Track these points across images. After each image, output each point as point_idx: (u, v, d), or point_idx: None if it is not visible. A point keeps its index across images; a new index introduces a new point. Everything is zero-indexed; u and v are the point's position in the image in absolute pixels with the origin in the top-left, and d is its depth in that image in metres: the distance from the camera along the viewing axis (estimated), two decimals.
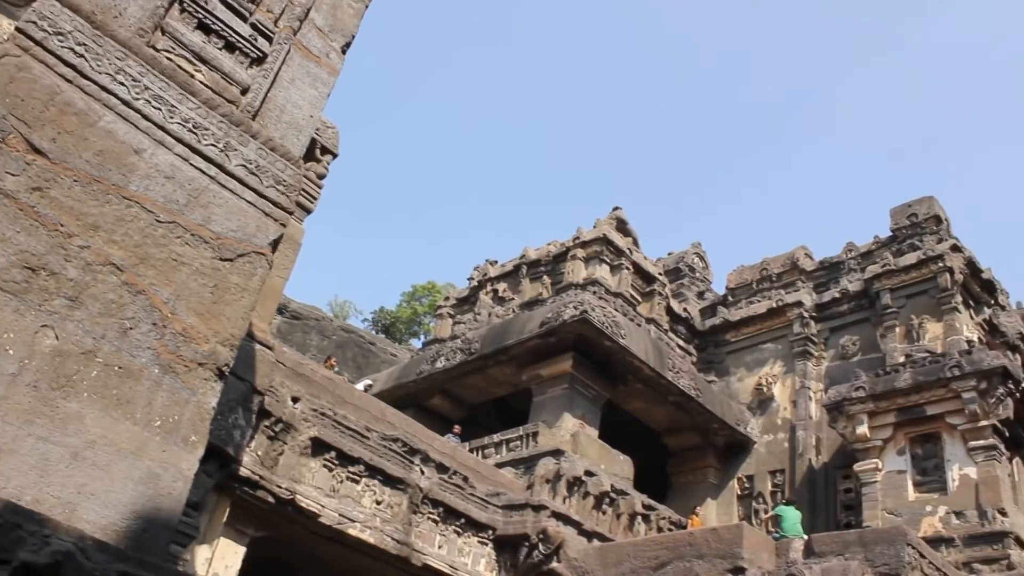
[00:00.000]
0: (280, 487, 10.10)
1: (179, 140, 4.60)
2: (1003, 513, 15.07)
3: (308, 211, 10.03)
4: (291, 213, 5.21)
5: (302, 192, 9.40)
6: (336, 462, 11.00)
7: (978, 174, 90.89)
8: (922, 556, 11.22)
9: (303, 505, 10.44)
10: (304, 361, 11.63)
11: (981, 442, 15.82)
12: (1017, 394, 16.22)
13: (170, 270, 4.36)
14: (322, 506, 10.68)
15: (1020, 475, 17.18)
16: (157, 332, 4.24)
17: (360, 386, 17.32)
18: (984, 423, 15.84)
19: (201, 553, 9.39)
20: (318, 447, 10.78)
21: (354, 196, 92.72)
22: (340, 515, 10.90)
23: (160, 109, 4.57)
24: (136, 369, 4.14)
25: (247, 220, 4.80)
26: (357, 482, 11.28)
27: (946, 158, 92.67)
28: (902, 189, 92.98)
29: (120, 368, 4.08)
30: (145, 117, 4.49)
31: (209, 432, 4.50)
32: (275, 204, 4.99)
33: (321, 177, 10.32)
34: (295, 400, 10.51)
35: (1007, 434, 16.21)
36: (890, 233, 20.55)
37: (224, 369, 4.49)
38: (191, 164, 4.61)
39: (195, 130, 4.67)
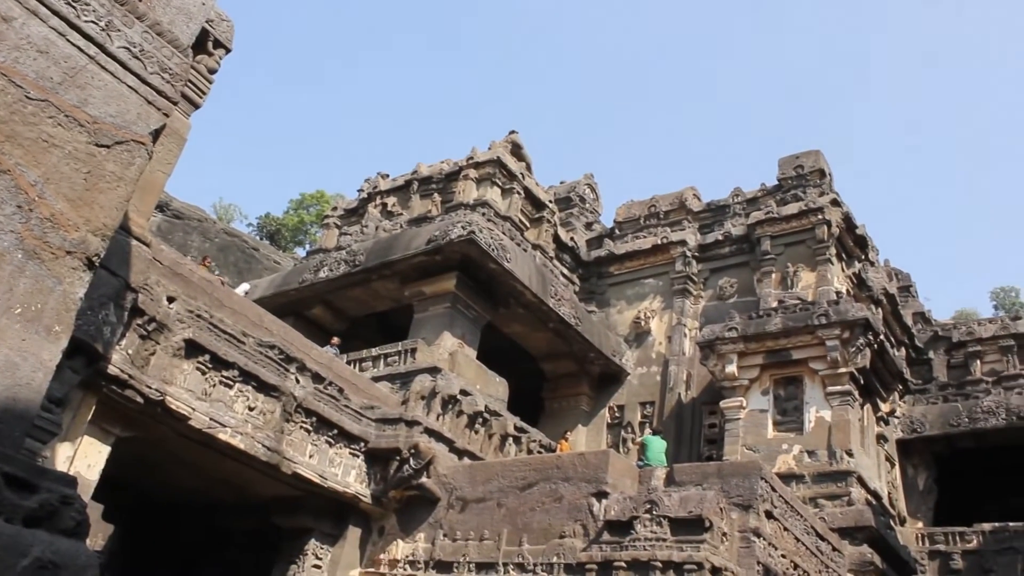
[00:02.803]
0: (150, 387, 9.85)
1: (55, 12, 4.26)
2: (850, 454, 15.99)
3: (196, 106, 9.60)
4: (176, 103, 4.96)
5: (190, 84, 8.98)
6: (210, 365, 10.79)
7: (862, 132, 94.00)
8: (773, 490, 11.82)
9: (173, 407, 10.23)
10: (182, 261, 11.28)
11: (838, 388, 16.68)
12: (875, 345, 17.12)
13: (40, 151, 4.10)
14: (193, 409, 10.49)
15: (869, 420, 18.24)
16: (22, 215, 4.00)
17: (240, 291, 16.97)
18: (843, 370, 16.69)
19: (62, 451, 9.12)
20: (192, 349, 10.53)
21: (248, 97, 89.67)
22: (211, 419, 10.73)
23: None
24: None
25: (127, 106, 4.55)
26: (230, 387, 11.11)
27: (835, 113, 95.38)
28: (794, 139, 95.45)
29: None
30: None
31: (77, 326, 4.32)
32: (159, 92, 4.73)
33: (212, 72, 9.85)
34: (171, 300, 10.20)
35: (862, 382, 17.14)
36: (776, 182, 21.13)
37: (94, 259, 4.29)
38: (68, 40, 4.29)
39: (74, 4, 4.34)
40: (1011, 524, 19.09)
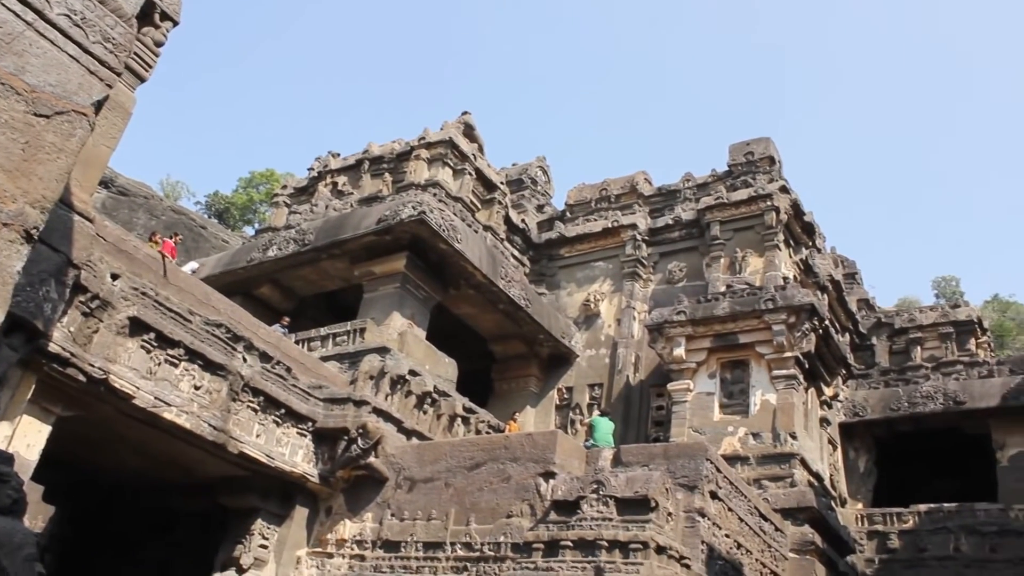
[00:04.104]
0: (93, 366, 9.69)
1: None
2: (794, 437, 16.27)
3: (142, 79, 9.39)
4: (119, 75, 4.86)
5: (135, 56, 8.79)
6: (155, 344, 10.63)
7: (814, 120, 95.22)
8: (718, 471, 12.00)
9: (116, 386, 10.07)
10: (127, 237, 11.06)
11: (783, 372, 16.93)
12: (820, 330, 17.40)
13: None
14: (137, 388, 10.33)
15: (813, 404, 18.56)
16: None
17: (187, 269, 16.72)
18: (788, 354, 16.94)
19: (0, 430, 8.95)
20: (136, 327, 10.37)
21: (197, 72, 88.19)
22: (156, 398, 10.59)
23: None
24: None
25: (68, 75, 4.44)
26: (176, 366, 10.97)
27: (786, 101, 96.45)
28: (745, 126, 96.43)
29: None
30: None
31: (15, 303, 4.23)
32: (101, 62, 4.63)
33: (159, 45, 9.64)
34: (115, 277, 10.03)
35: (807, 366, 17.42)
36: (727, 168, 21.29)
37: (32, 232, 4.19)
38: (3, 5, 4.16)
39: None
40: (945, 505, 19.61)
